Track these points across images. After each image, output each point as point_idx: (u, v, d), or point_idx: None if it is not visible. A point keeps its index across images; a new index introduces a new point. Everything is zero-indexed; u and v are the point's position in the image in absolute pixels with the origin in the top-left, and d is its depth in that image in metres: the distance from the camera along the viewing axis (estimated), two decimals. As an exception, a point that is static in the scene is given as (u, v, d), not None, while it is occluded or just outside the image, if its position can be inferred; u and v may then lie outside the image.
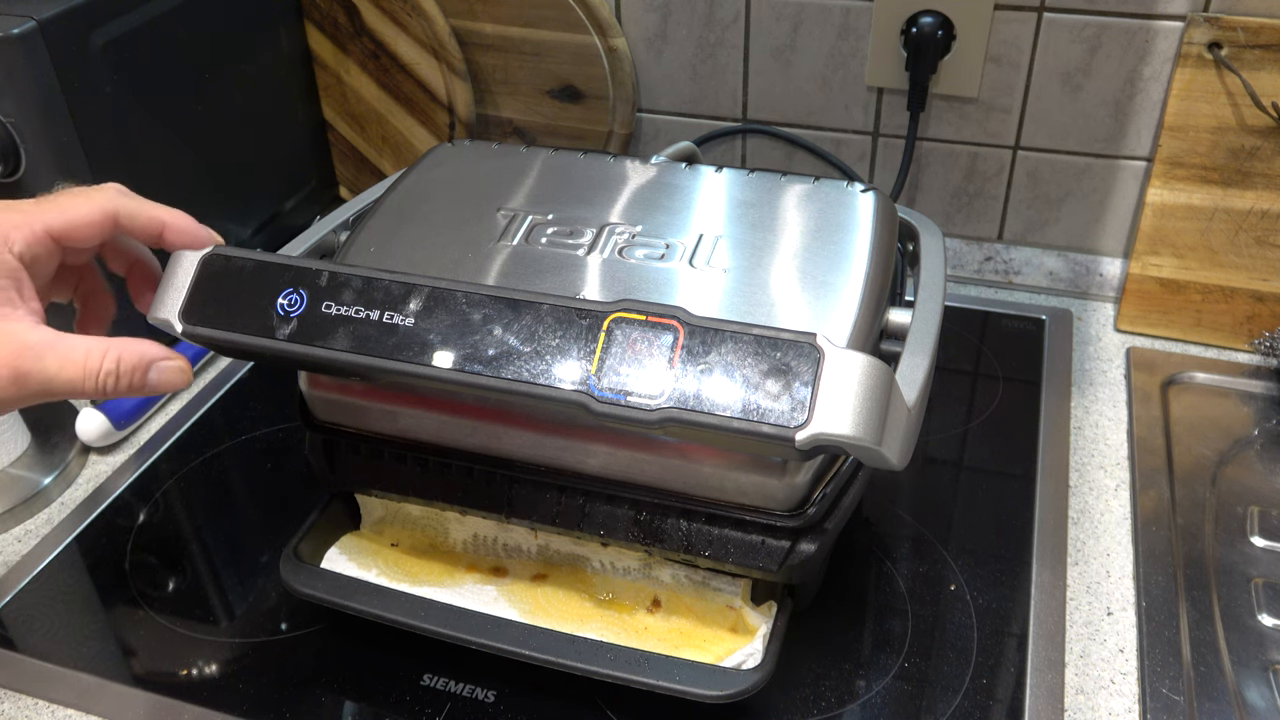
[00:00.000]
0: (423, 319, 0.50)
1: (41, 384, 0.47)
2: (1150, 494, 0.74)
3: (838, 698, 0.61)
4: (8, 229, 0.48)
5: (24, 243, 0.48)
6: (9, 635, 0.68)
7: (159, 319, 0.52)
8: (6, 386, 0.47)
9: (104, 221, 0.51)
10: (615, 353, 0.47)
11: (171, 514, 0.77)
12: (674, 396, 0.46)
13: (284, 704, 0.62)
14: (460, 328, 0.49)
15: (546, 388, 0.48)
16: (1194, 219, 0.87)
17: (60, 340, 0.48)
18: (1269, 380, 0.84)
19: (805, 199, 0.64)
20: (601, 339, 0.48)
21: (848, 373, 0.45)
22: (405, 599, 0.61)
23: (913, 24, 0.88)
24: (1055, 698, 0.61)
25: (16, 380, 0.47)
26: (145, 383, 0.50)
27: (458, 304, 0.50)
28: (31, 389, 0.47)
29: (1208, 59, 0.82)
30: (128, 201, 0.52)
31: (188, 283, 0.53)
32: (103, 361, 0.48)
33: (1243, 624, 0.65)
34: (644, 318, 0.48)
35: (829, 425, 0.44)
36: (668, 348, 0.47)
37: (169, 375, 0.51)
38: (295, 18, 1.03)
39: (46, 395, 0.48)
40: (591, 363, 0.47)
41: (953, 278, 0.99)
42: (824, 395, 0.45)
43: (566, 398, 0.48)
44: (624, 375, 0.47)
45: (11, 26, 0.73)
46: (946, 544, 0.71)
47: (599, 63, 0.97)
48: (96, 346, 0.48)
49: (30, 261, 0.49)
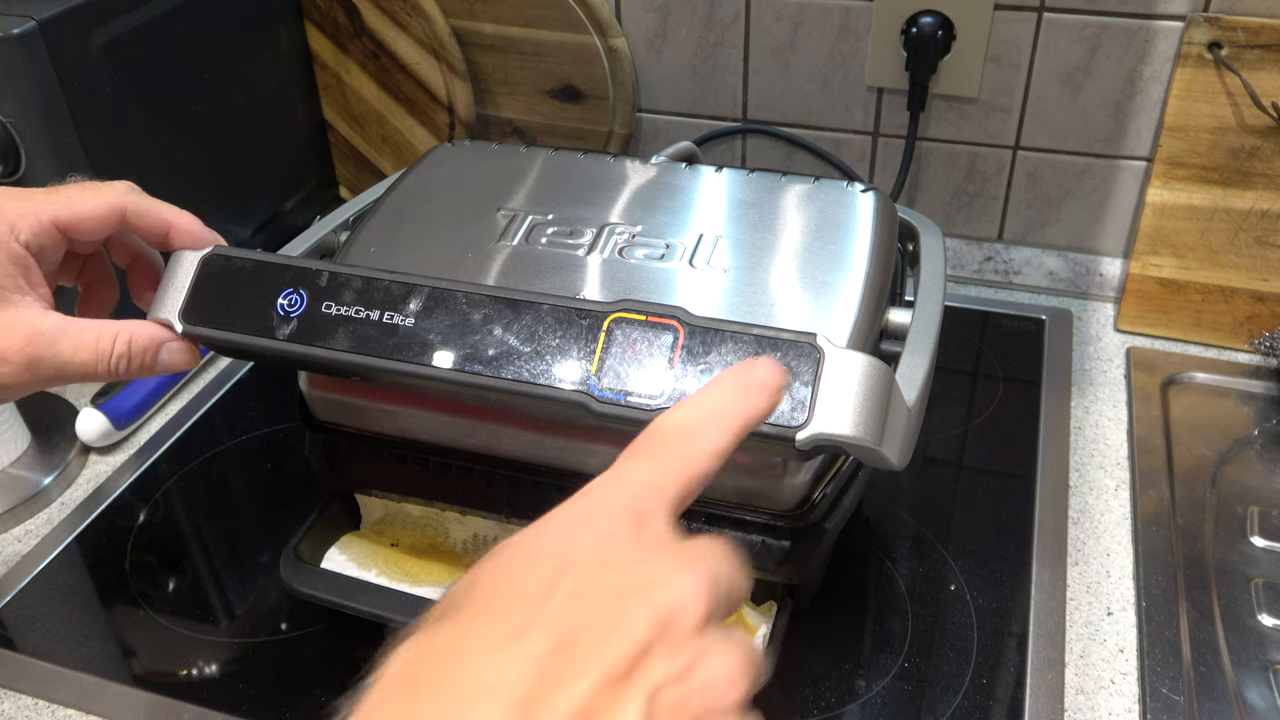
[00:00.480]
0: (423, 319, 0.50)
1: (55, 369, 0.48)
2: (1150, 494, 0.74)
3: (838, 698, 0.61)
4: (14, 217, 0.49)
5: (30, 232, 0.49)
6: (9, 635, 0.68)
7: (159, 319, 0.53)
8: (21, 372, 0.47)
9: (111, 218, 0.51)
10: (615, 353, 0.47)
11: (171, 514, 0.77)
12: (674, 396, 0.46)
13: (284, 704, 0.62)
14: (460, 328, 0.49)
15: (546, 388, 0.48)
16: (1194, 219, 0.87)
17: (72, 325, 0.49)
18: (1269, 380, 0.84)
19: (805, 199, 0.64)
20: (601, 339, 0.48)
21: (848, 373, 0.45)
22: (405, 599, 0.61)
23: (913, 24, 0.88)
24: (1055, 698, 0.61)
25: (30, 366, 0.48)
26: (156, 363, 0.51)
27: (458, 304, 0.50)
28: (45, 374, 0.48)
29: (1208, 59, 0.82)
30: (137, 200, 0.52)
31: (188, 282, 0.53)
32: (114, 344, 0.49)
33: (1243, 624, 0.65)
34: (644, 318, 0.48)
35: (829, 425, 0.44)
36: (668, 348, 0.47)
37: (178, 356, 0.52)
38: (295, 18, 1.03)
39: (60, 379, 0.49)
40: (592, 363, 0.48)
41: (953, 278, 0.99)
42: (824, 395, 0.45)
43: (567, 398, 0.48)
44: (624, 375, 0.47)
45: (11, 26, 0.73)
46: (946, 544, 0.71)
47: (599, 63, 0.97)
48: (108, 329, 0.49)
49: (36, 250, 0.49)
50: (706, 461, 0.35)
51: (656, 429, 0.36)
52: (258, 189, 1.02)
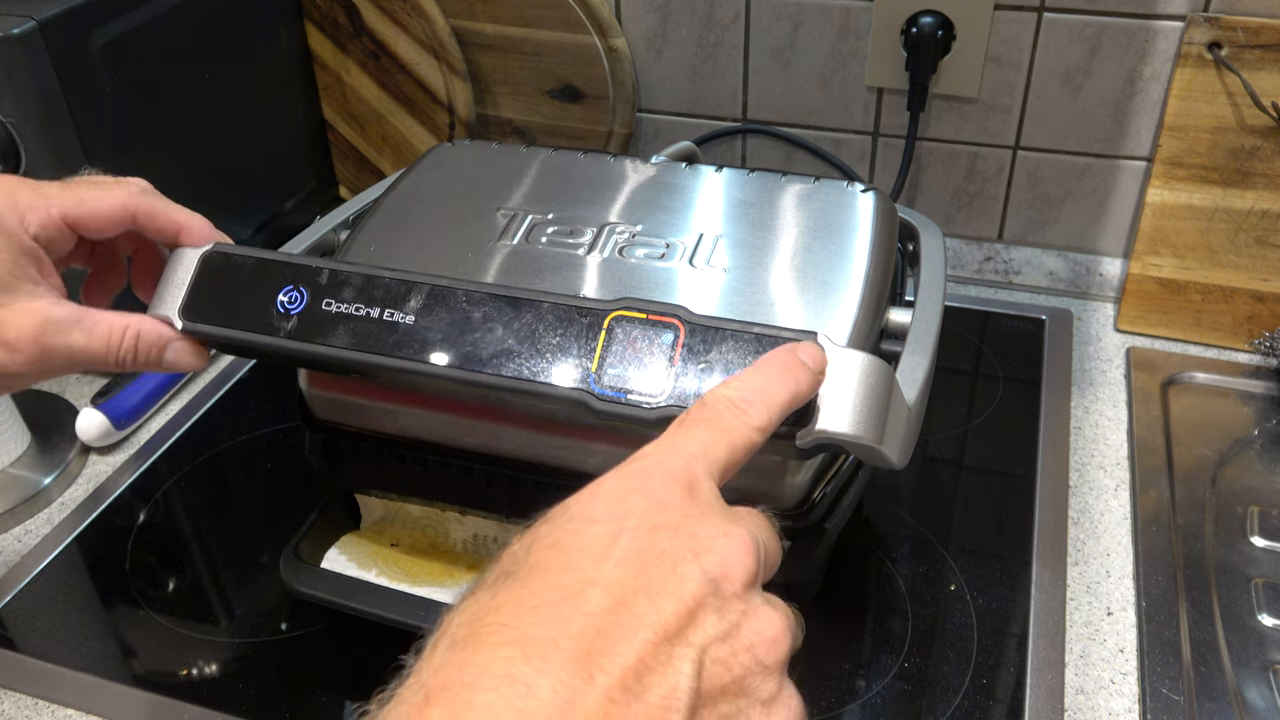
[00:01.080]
0: (423, 317, 0.50)
1: (66, 358, 0.49)
2: (1150, 494, 0.74)
3: (838, 698, 0.61)
4: (24, 210, 0.49)
5: (39, 225, 0.49)
6: (9, 635, 0.68)
7: (159, 315, 0.53)
8: (34, 361, 0.48)
9: (121, 218, 0.52)
10: (616, 351, 0.47)
11: (171, 514, 0.77)
12: (675, 395, 0.46)
13: (284, 704, 0.62)
14: (461, 326, 0.49)
15: (547, 385, 0.48)
16: (1194, 219, 0.87)
17: (85, 315, 0.50)
18: (1269, 380, 0.84)
19: (805, 199, 0.64)
20: (602, 337, 0.48)
21: (848, 372, 0.45)
22: (405, 599, 0.61)
23: (913, 24, 0.88)
24: (1055, 698, 0.61)
25: (43, 355, 0.48)
26: (161, 360, 0.52)
27: (458, 302, 0.50)
28: (56, 362, 0.49)
29: (1208, 59, 0.82)
30: (149, 201, 0.52)
31: (188, 279, 0.53)
32: (124, 338, 0.50)
33: (1243, 624, 0.65)
34: (645, 316, 0.48)
35: (830, 424, 0.44)
36: (668, 346, 0.47)
37: (184, 356, 0.52)
38: (295, 18, 1.03)
39: (69, 369, 0.50)
40: (592, 361, 0.48)
41: (953, 278, 0.99)
42: (825, 394, 0.45)
43: (567, 396, 0.48)
44: (625, 373, 0.47)
45: (11, 26, 0.73)
46: (946, 544, 0.71)
47: (599, 63, 0.97)
48: (118, 322, 0.50)
49: (46, 243, 0.50)
50: (753, 434, 0.38)
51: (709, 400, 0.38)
52: (257, 189, 1.02)
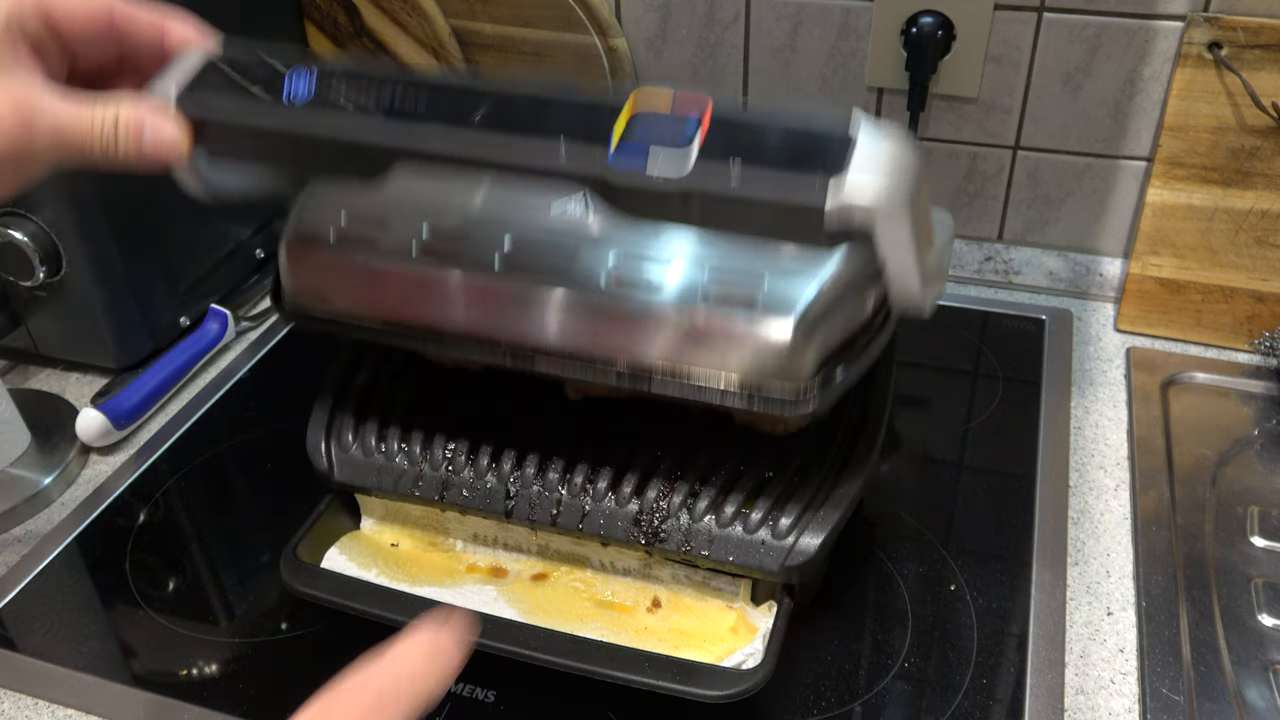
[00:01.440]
0: (434, 107, 0.48)
1: (52, 139, 0.47)
2: (1150, 494, 0.74)
3: (838, 698, 0.61)
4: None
5: (7, 12, 0.47)
6: (9, 635, 0.68)
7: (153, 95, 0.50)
8: (17, 142, 0.46)
9: (99, 12, 0.49)
10: (636, 130, 0.46)
11: (171, 514, 0.77)
12: (698, 172, 0.45)
13: (284, 704, 0.62)
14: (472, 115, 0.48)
15: (561, 160, 0.46)
16: (1194, 219, 0.87)
17: (71, 92, 0.48)
18: (1269, 380, 0.84)
19: None
20: (624, 114, 0.46)
21: (881, 148, 0.44)
22: (405, 599, 0.61)
23: (913, 24, 0.88)
24: (1055, 698, 0.61)
25: (27, 134, 0.46)
26: (141, 148, 0.49)
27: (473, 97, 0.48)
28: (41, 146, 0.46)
29: (1208, 59, 0.82)
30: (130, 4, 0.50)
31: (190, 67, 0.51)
32: (105, 112, 0.48)
33: (1243, 624, 0.65)
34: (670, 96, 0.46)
35: (858, 197, 0.43)
36: (694, 124, 0.45)
37: (161, 147, 0.49)
38: (295, 18, 1.03)
39: (55, 147, 0.47)
40: (612, 140, 0.46)
41: (953, 278, 0.99)
42: (856, 167, 0.44)
43: (582, 170, 0.46)
44: (645, 149, 0.45)
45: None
46: (946, 544, 0.71)
47: (599, 63, 0.97)
48: (102, 99, 0.48)
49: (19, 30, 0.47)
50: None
51: None
52: (258, 189, 1.02)
